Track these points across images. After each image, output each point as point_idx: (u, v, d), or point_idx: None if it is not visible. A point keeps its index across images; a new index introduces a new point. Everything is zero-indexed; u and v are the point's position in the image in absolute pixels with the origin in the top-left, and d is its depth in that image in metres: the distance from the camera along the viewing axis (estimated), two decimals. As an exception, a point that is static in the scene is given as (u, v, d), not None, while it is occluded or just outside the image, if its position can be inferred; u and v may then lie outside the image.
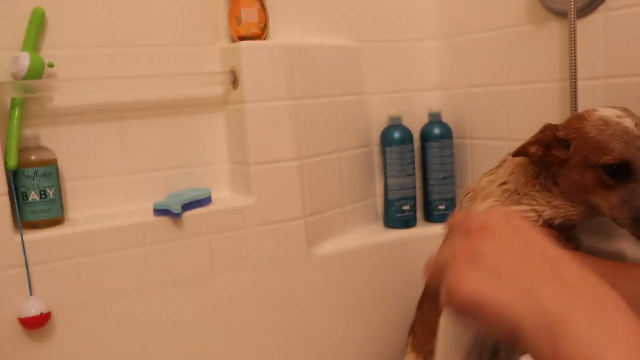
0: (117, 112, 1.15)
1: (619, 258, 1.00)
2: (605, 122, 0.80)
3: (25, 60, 1.00)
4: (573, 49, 1.02)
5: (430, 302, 1.09)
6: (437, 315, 1.05)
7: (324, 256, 1.25)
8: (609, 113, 0.82)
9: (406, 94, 1.44)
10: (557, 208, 0.86)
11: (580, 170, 0.82)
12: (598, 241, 1.08)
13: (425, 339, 1.11)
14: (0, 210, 0.97)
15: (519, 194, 0.89)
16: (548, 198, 0.87)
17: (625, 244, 1.04)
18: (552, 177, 0.87)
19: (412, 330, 1.18)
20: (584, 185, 0.82)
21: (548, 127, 0.86)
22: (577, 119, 0.84)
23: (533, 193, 0.88)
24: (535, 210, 0.87)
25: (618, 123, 0.79)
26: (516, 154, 0.90)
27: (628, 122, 0.79)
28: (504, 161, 0.96)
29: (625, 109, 0.83)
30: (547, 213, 0.86)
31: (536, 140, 0.86)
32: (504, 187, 0.92)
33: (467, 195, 0.98)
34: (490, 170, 0.98)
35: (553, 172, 0.87)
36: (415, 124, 1.41)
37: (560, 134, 0.84)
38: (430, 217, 1.40)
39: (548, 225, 0.88)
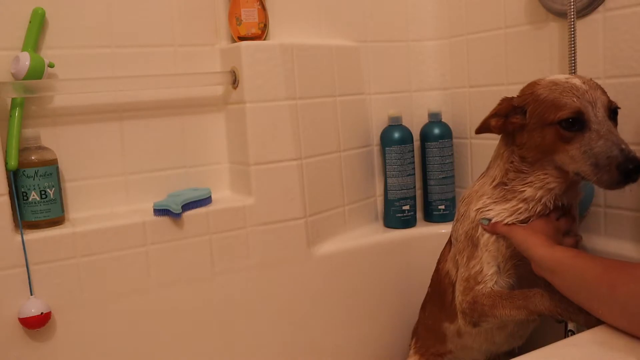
0: (117, 112, 1.16)
1: (618, 257, 1.00)
2: (554, 82, 0.86)
3: (25, 60, 1.00)
4: (573, 49, 1.03)
5: (433, 305, 1.09)
6: (440, 319, 1.05)
7: (324, 256, 1.25)
8: (559, 77, 0.87)
9: (406, 94, 1.44)
10: (533, 183, 0.88)
11: (539, 131, 0.85)
12: (598, 240, 1.08)
13: (429, 342, 1.11)
14: (1, 210, 0.97)
15: (506, 185, 0.92)
16: (523, 179, 0.89)
17: (625, 243, 1.04)
18: (518, 154, 0.90)
19: (415, 333, 1.17)
20: (546, 145, 0.85)
21: (504, 99, 0.91)
22: (529, 86, 0.90)
23: (513, 183, 0.90)
24: (523, 200, 0.89)
25: (567, 82, 0.85)
26: (478, 130, 0.94)
27: (576, 81, 0.85)
28: (490, 162, 0.98)
29: (575, 74, 0.89)
30: (528, 192, 0.89)
31: (495, 113, 0.91)
32: (494, 183, 0.94)
33: (464, 201, 0.99)
34: (482, 174, 0.99)
35: (517, 143, 0.90)
36: (415, 124, 1.41)
37: (516, 102, 0.89)
38: (430, 217, 1.40)
39: (542, 215, 0.89)
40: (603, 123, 0.81)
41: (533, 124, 0.86)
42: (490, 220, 0.91)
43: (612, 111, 0.84)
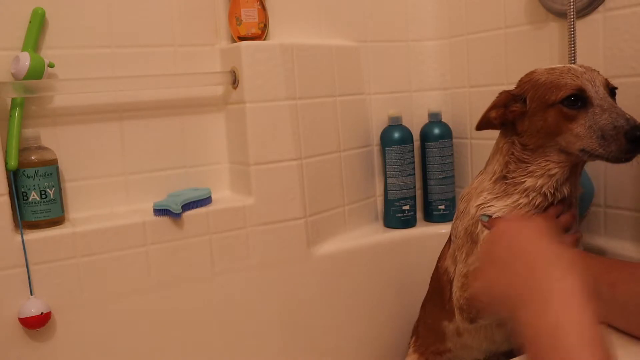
0: (117, 112, 1.16)
1: (618, 257, 1.00)
2: (552, 68, 0.87)
3: (25, 60, 1.00)
4: (573, 49, 1.03)
5: (432, 304, 1.09)
6: (440, 317, 1.05)
7: (324, 256, 1.25)
8: (555, 65, 0.89)
9: (406, 94, 1.44)
10: (534, 172, 0.88)
11: (541, 114, 0.86)
12: (598, 240, 1.08)
13: (429, 340, 1.11)
14: (1, 210, 0.97)
15: (506, 178, 0.91)
16: (524, 169, 0.89)
17: (625, 243, 1.05)
18: (519, 142, 0.89)
19: (415, 332, 1.18)
20: (549, 127, 0.85)
21: (502, 92, 0.92)
22: (526, 75, 0.91)
23: (514, 175, 0.90)
24: (524, 191, 0.88)
25: (564, 66, 0.86)
26: (479, 125, 0.94)
27: (573, 65, 0.87)
28: (489, 159, 0.98)
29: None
30: (529, 182, 0.88)
31: (493, 105, 0.91)
32: (494, 178, 0.93)
33: (464, 198, 0.99)
34: (480, 172, 0.99)
35: (518, 132, 0.90)
36: (415, 124, 1.41)
37: (514, 91, 0.90)
38: (430, 217, 1.40)
39: (541, 207, 0.88)
40: (605, 99, 0.82)
41: (534, 108, 0.87)
42: (490, 216, 0.91)
43: (611, 90, 0.86)
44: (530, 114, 0.87)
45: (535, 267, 0.53)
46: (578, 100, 0.82)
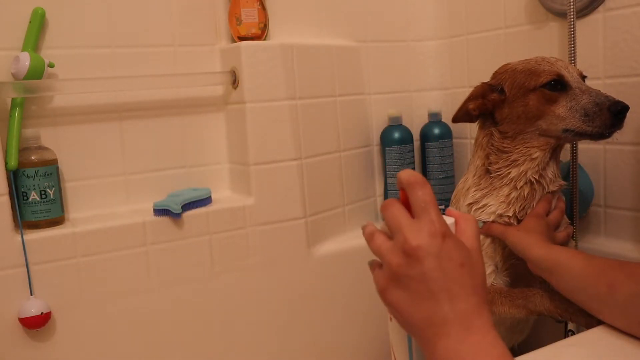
0: (117, 112, 1.16)
1: (618, 257, 1.00)
2: (525, 59, 0.91)
3: (25, 60, 1.00)
4: (573, 49, 1.03)
5: None
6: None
7: (324, 256, 1.25)
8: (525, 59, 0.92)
9: (406, 94, 1.44)
10: (517, 162, 0.89)
11: (521, 99, 0.88)
12: (598, 240, 1.08)
13: None
14: (1, 210, 0.97)
15: (490, 172, 0.92)
16: (507, 159, 0.90)
17: (625, 243, 1.04)
18: (498, 130, 0.91)
19: None
20: (530, 111, 0.87)
21: (478, 85, 0.93)
22: (501, 67, 0.94)
23: (497, 167, 0.90)
24: (511, 182, 0.89)
25: (536, 57, 0.91)
26: (456, 117, 0.96)
27: (543, 56, 0.91)
28: (470, 159, 0.99)
29: None
30: (514, 172, 0.89)
31: (471, 96, 0.93)
32: (478, 174, 0.94)
33: (452, 202, 0.99)
34: (464, 174, 0.99)
35: (497, 120, 0.91)
36: (415, 124, 1.41)
37: (490, 82, 0.93)
38: (430, 217, 1.40)
39: (534, 198, 0.88)
40: (580, 82, 0.87)
41: (514, 95, 0.89)
42: (484, 222, 0.91)
43: (582, 78, 0.90)
44: (510, 101, 0.89)
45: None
46: (558, 84, 0.86)
